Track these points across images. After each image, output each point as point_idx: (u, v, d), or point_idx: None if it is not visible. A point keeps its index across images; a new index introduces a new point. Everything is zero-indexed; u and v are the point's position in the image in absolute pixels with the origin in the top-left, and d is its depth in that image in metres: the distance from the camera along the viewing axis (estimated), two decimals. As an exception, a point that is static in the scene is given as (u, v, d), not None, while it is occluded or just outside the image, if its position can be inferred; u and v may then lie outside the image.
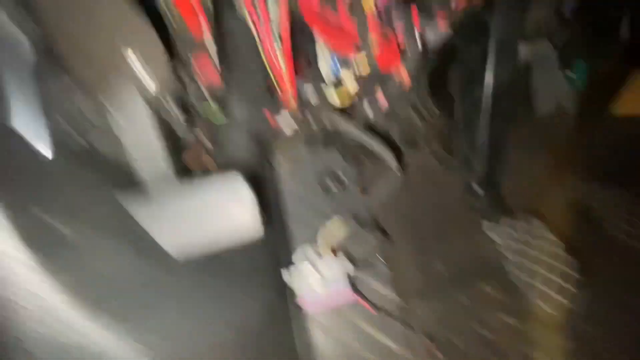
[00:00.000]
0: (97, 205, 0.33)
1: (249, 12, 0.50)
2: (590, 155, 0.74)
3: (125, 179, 0.37)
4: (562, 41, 0.77)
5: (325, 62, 0.60)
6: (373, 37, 0.53)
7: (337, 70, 0.60)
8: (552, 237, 0.70)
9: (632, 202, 0.69)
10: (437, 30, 0.52)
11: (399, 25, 0.54)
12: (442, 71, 0.74)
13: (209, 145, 0.57)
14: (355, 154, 0.65)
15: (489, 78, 0.65)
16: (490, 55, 0.64)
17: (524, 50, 0.73)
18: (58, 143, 0.28)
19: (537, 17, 0.68)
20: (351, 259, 0.60)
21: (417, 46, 0.58)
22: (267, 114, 0.61)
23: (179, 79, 0.47)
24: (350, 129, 0.60)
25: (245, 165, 0.60)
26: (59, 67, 0.30)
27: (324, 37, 0.55)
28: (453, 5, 0.51)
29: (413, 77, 0.64)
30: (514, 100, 0.87)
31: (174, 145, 0.49)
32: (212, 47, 0.51)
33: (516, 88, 0.86)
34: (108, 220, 0.32)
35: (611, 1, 0.66)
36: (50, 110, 0.28)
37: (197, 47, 0.50)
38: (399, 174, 0.60)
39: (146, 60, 0.32)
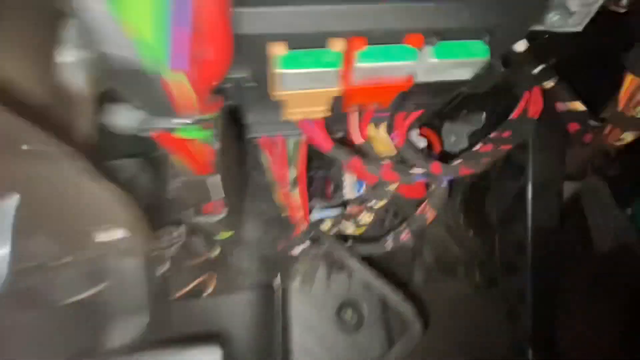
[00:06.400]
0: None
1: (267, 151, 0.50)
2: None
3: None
4: (615, 179, 0.71)
5: (350, 189, 0.59)
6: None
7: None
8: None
9: None
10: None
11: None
12: (476, 199, 0.70)
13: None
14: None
15: (529, 221, 0.60)
16: (528, 198, 0.59)
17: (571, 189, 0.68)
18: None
19: (581, 156, 0.64)
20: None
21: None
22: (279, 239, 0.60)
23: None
24: (358, 268, 0.55)
25: (249, 287, 0.59)
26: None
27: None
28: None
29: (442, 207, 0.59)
30: (567, 241, 0.79)
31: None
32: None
33: (567, 228, 0.79)
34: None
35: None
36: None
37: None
38: (418, 327, 0.53)
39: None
